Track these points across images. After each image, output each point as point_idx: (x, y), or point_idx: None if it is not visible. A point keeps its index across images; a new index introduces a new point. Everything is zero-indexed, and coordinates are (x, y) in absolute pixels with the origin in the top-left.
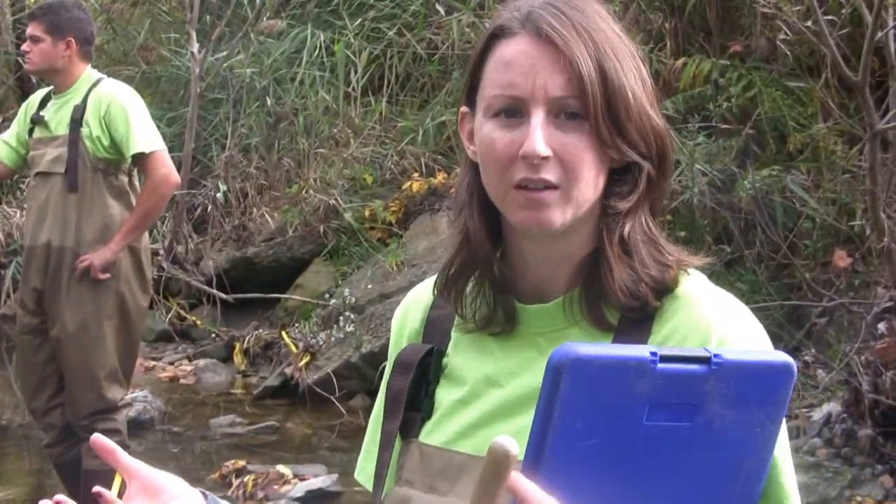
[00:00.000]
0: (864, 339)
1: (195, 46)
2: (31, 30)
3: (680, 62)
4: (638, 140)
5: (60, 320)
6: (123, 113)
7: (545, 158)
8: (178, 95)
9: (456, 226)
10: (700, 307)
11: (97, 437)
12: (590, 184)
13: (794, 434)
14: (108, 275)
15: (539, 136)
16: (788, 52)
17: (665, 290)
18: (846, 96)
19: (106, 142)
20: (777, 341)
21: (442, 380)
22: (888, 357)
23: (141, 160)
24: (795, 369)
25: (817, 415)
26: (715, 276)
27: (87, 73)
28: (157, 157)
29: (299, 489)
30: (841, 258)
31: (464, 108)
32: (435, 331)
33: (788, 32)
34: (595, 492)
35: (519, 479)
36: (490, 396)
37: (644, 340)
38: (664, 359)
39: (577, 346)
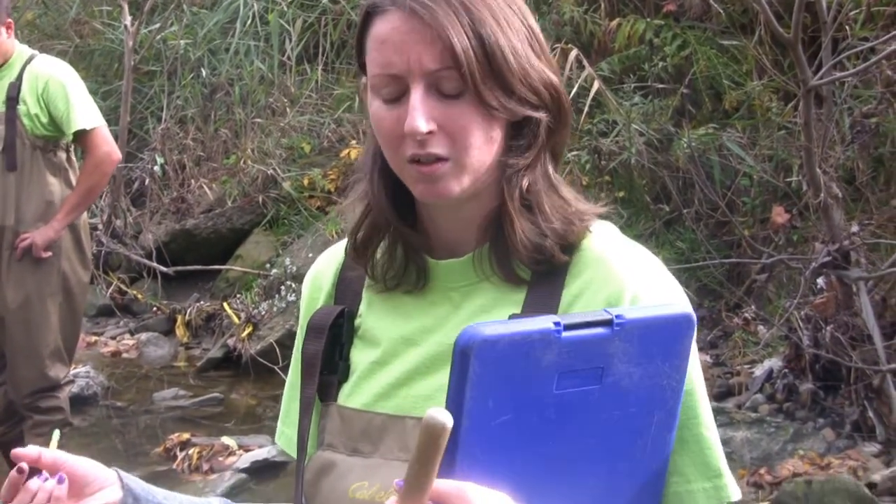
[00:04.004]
0: (803, 294)
1: (128, 19)
2: None
3: (614, 23)
4: (528, 94)
5: (1, 299)
6: (62, 90)
7: (430, 133)
8: (112, 69)
9: (362, 190)
10: (612, 261)
11: (17, 453)
12: (482, 148)
13: (737, 390)
14: (49, 253)
15: (418, 112)
16: (721, 11)
17: (572, 244)
18: (780, 53)
19: (44, 119)
20: (717, 299)
21: (356, 341)
22: (827, 312)
23: (82, 137)
24: (695, 319)
25: (759, 371)
26: (654, 235)
27: (20, 50)
28: (98, 133)
29: (244, 460)
30: (779, 214)
31: (364, 79)
32: (346, 292)
33: None
34: (512, 466)
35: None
36: (407, 355)
37: (557, 295)
38: (568, 327)
39: (481, 327)
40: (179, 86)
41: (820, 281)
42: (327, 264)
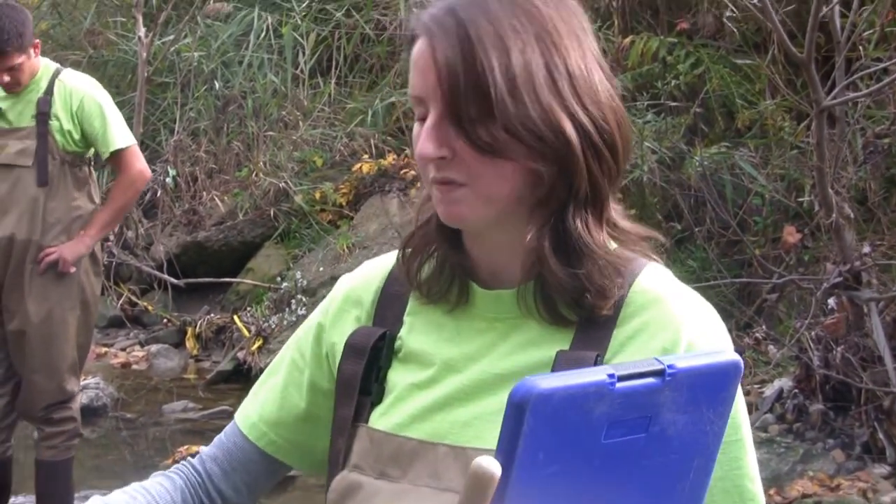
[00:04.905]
0: (814, 314)
1: (142, 30)
2: (8, 62)
3: (628, 40)
4: (524, 135)
5: (22, 313)
6: (98, 109)
7: (443, 158)
8: (125, 80)
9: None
10: (670, 305)
11: None
12: (495, 179)
13: (747, 410)
14: (74, 268)
15: (427, 137)
16: (735, 29)
17: (614, 297)
18: (793, 72)
19: (77, 136)
20: (728, 318)
21: (395, 363)
22: (838, 332)
23: (116, 156)
24: (742, 365)
25: (769, 391)
26: (665, 254)
27: (45, 64)
28: (132, 152)
29: None
30: (790, 234)
31: None
32: (387, 311)
33: (734, 9)
34: None
35: None
36: (448, 380)
37: (607, 337)
38: (621, 378)
39: (538, 381)
40: (192, 98)
41: (831, 301)
42: (371, 278)
